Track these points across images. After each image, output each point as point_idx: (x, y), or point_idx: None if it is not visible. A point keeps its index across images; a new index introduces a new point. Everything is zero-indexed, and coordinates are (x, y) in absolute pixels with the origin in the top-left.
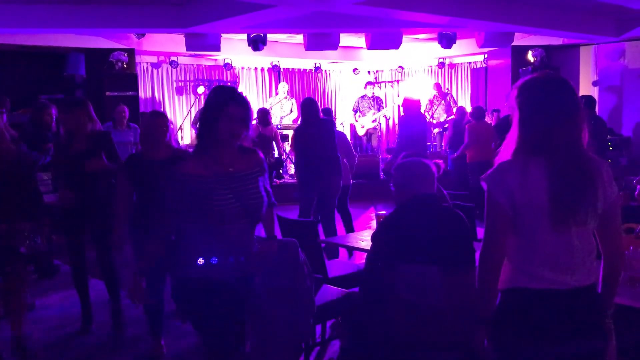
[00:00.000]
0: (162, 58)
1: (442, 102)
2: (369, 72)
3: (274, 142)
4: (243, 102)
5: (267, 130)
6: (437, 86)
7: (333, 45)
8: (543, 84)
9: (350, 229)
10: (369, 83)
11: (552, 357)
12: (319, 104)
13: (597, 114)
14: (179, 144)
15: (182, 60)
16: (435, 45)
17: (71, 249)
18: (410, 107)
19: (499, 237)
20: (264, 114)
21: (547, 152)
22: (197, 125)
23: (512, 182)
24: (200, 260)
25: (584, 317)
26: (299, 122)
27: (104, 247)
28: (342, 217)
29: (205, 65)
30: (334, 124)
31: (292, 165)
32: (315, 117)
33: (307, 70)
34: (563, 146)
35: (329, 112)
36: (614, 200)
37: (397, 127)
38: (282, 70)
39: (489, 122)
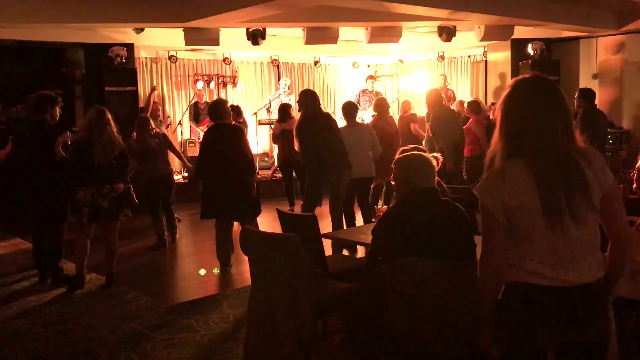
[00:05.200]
0: (161, 53)
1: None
2: (368, 66)
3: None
4: None
5: (289, 124)
6: (444, 77)
7: (333, 39)
8: (525, 85)
9: (369, 222)
10: (370, 77)
11: (554, 347)
12: (319, 98)
13: (597, 107)
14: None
15: (181, 54)
16: (435, 38)
17: None
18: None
19: (496, 243)
20: (284, 109)
21: (530, 153)
22: None
23: (501, 190)
24: None
25: (586, 312)
26: (299, 115)
27: None
28: (362, 210)
29: (204, 60)
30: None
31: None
32: (319, 110)
33: (307, 65)
34: (546, 146)
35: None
36: (611, 185)
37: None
38: (281, 64)
39: (487, 115)
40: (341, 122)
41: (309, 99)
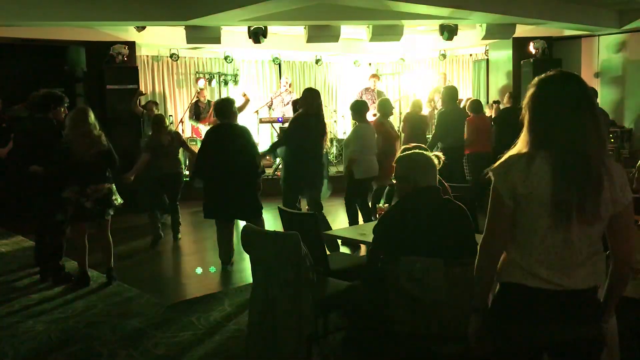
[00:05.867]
0: (162, 51)
1: None
2: (370, 64)
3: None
4: None
5: None
6: (444, 76)
7: (334, 37)
8: (554, 80)
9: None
10: (373, 76)
11: (545, 350)
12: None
13: (599, 105)
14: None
15: (182, 53)
16: (437, 37)
17: None
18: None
19: (500, 228)
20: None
21: (554, 147)
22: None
23: (517, 175)
24: None
25: (577, 318)
26: (299, 111)
27: None
28: (362, 209)
29: (205, 58)
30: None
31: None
32: (321, 111)
33: (308, 63)
34: (571, 143)
35: None
36: (626, 206)
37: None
38: (282, 62)
39: (489, 113)
40: (342, 121)
41: (315, 98)
